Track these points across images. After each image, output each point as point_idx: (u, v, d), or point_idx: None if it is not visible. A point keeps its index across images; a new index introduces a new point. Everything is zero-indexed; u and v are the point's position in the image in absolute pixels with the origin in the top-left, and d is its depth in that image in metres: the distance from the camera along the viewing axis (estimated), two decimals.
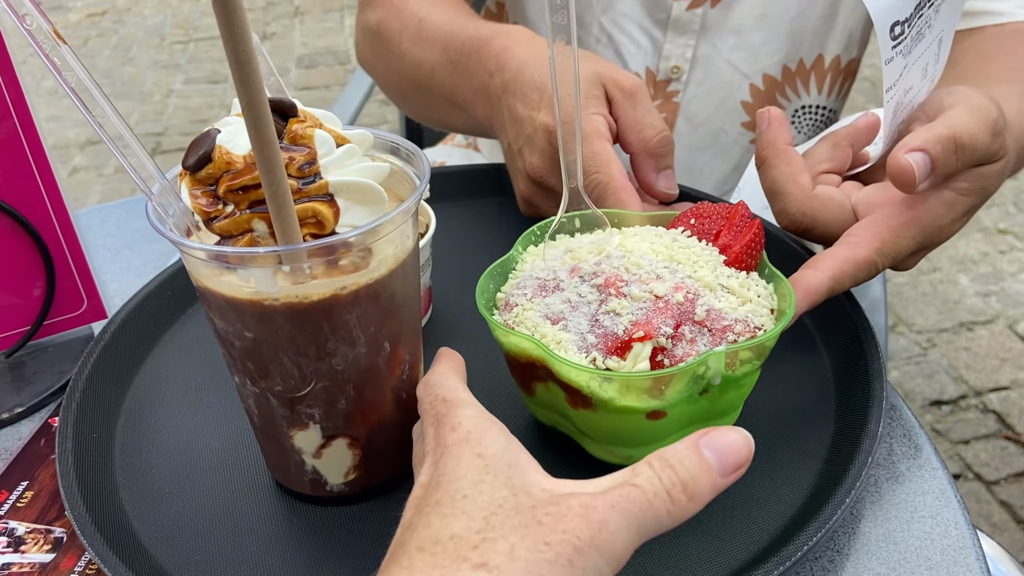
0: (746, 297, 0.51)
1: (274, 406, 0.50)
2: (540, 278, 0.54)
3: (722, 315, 0.49)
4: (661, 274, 0.51)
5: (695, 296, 0.49)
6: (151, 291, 0.71)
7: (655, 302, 0.49)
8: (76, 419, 0.59)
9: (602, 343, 0.48)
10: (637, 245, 0.53)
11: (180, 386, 0.65)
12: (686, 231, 0.55)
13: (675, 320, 0.48)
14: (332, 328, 0.47)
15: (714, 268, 0.52)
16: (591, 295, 0.51)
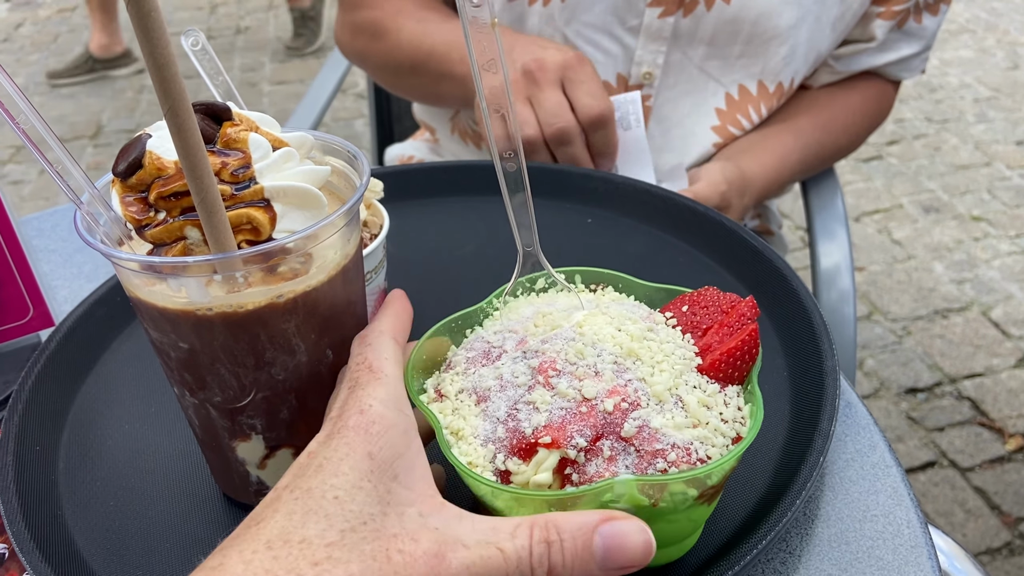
0: (700, 419, 0.42)
1: (215, 417, 0.49)
2: (489, 342, 0.48)
3: (657, 436, 0.41)
4: (603, 371, 0.43)
5: (631, 406, 0.42)
6: (99, 297, 0.70)
7: (579, 404, 0.42)
8: (18, 432, 0.58)
9: (509, 439, 0.42)
10: (598, 328, 0.46)
11: (128, 395, 0.64)
12: (673, 319, 0.48)
13: (595, 431, 0.41)
14: (270, 337, 0.46)
15: (679, 374, 0.44)
16: (523, 376, 0.44)
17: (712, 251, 0.75)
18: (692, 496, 0.42)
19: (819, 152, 1.11)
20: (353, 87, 3.35)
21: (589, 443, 0.41)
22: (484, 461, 0.42)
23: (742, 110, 1.05)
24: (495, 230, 0.82)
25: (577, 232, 0.81)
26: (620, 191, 0.83)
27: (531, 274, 0.53)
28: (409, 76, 1.11)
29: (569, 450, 0.41)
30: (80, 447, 0.59)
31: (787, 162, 1.05)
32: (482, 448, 0.43)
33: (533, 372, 0.44)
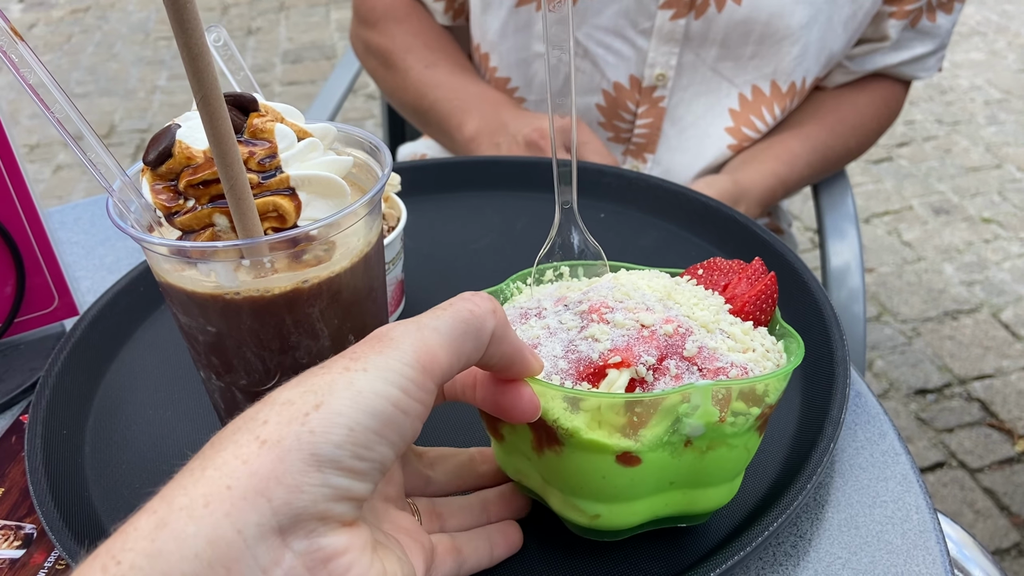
0: (748, 346, 0.45)
1: (240, 400, 0.50)
2: (523, 307, 0.49)
3: (716, 355, 0.43)
4: (652, 306, 0.45)
5: (687, 331, 0.44)
6: (123, 287, 0.71)
7: (640, 330, 0.44)
8: (46, 416, 0.59)
9: (574, 368, 0.43)
10: (632, 280, 0.49)
11: (151, 382, 0.65)
12: (691, 280, 0.51)
13: (660, 352, 0.43)
14: (295, 321, 0.47)
15: (716, 312, 0.46)
16: (572, 321, 0.45)
17: (724, 245, 0.76)
18: (754, 415, 0.43)
19: (827, 155, 1.12)
20: (364, 87, 3.37)
21: (657, 361, 0.42)
22: (551, 394, 0.43)
23: (755, 111, 1.06)
24: (509, 224, 0.83)
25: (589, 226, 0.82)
26: (632, 186, 0.84)
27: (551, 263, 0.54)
28: (411, 116, 1.17)
29: (640, 367, 0.42)
30: (105, 432, 0.61)
31: (793, 167, 1.06)
32: (547, 380, 0.43)
33: (583, 315, 0.45)
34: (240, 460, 0.32)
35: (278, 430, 0.32)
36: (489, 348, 0.39)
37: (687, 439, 0.43)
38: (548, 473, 0.46)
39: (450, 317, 0.38)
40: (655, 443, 0.42)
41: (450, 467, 0.51)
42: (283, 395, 0.34)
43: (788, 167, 1.05)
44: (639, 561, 0.49)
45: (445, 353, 0.37)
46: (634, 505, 0.45)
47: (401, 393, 0.34)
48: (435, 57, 1.11)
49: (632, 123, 1.08)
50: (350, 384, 0.33)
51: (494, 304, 0.40)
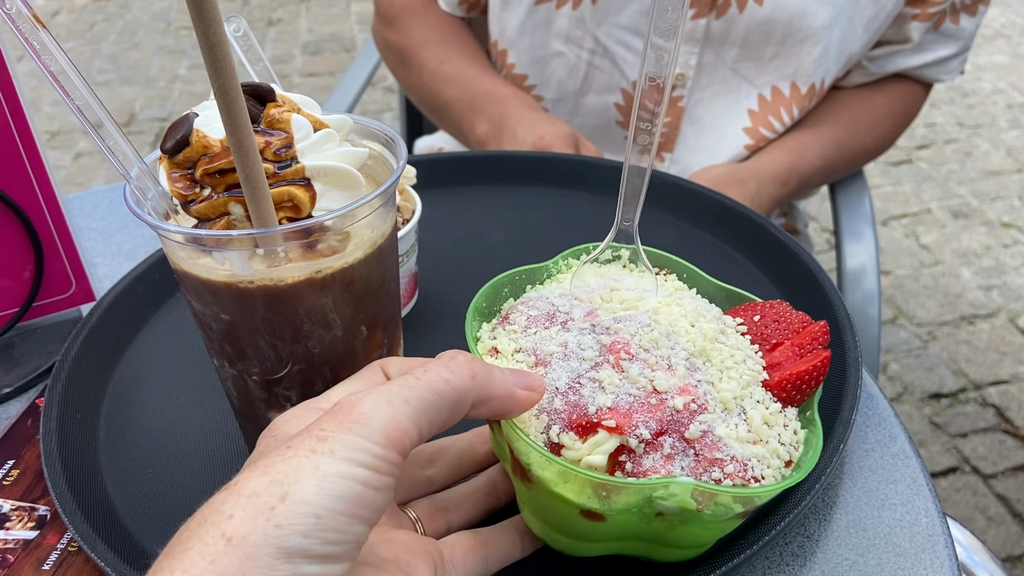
0: (761, 437, 0.41)
1: (252, 388, 0.51)
2: (554, 304, 0.47)
3: (719, 444, 0.40)
4: (676, 366, 0.42)
5: (699, 409, 0.41)
6: (139, 274, 0.72)
7: (649, 394, 0.41)
8: (61, 400, 0.60)
9: (568, 413, 0.41)
10: (674, 319, 0.45)
11: (165, 368, 0.66)
12: (743, 325, 0.47)
13: (660, 426, 0.40)
14: (307, 311, 0.47)
15: (745, 385, 0.43)
16: (590, 351, 0.43)
17: (739, 244, 0.76)
18: (736, 511, 0.41)
19: (842, 151, 1.11)
20: (382, 80, 3.38)
21: (652, 436, 0.40)
22: (535, 431, 0.41)
23: (774, 112, 1.05)
24: (523, 219, 0.83)
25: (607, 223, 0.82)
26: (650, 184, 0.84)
27: (596, 242, 0.52)
28: (428, 112, 1.19)
29: (631, 439, 0.39)
30: (119, 417, 0.62)
31: (805, 157, 1.06)
32: (535, 418, 0.41)
33: (603, 349, 0.43)
34: (207, 560, 0.31)
35: (244, 526, 0.31)
36: (471, 412, 0.39)
37: (659, 512, 0.41)
38: (520, 495, 0.46)
39: (423, 388, 0.37)
40: (623, 509, 0.40)
41: (450, 458, 0.50)
42: (248, 485, 0.33)
43: (800, 157, 1.05)
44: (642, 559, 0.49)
45: (415, 426, 0.36)
46: (596, 545, 0.45)
47: (369, 472, 0.34)
48: (448, 52, 1.12)
49: None
50: (316, 469, 0.33)
51: (474, 368, 0.39)
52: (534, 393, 0.41)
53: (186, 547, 0.32)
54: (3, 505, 0.56)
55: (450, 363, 0.38)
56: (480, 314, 0.48)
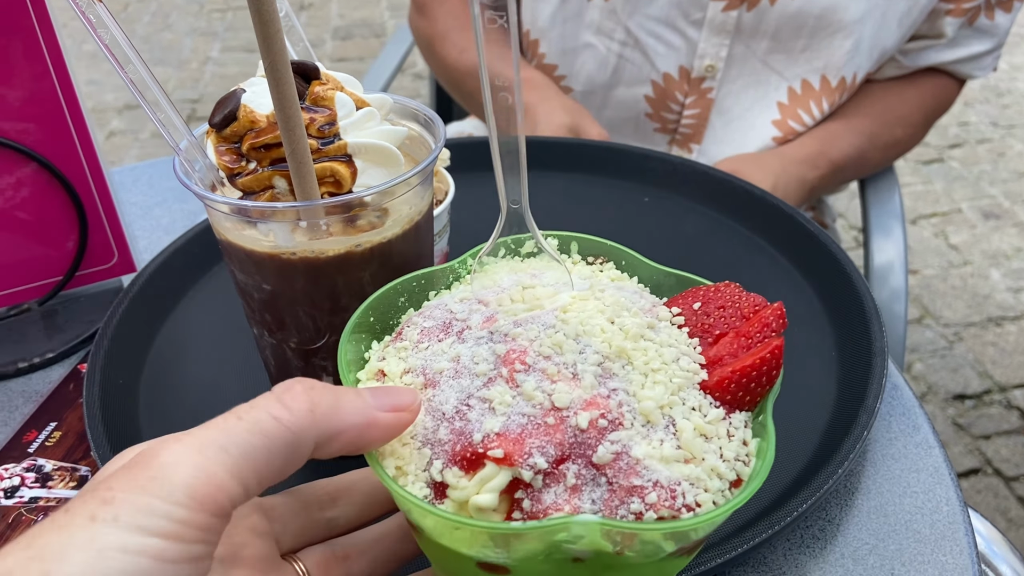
0: (694, 453, 0.33)
1: (290, 358, 0.52)
2: (451, 312, 0.39)
3: (637, 468, 0.32)
4: (583, 373, 0.34)
5: (611, 425, 0.33)
6: (179, 247, 0.74)
7: (546, 412, 0.33)
8: (104, 365, 0.62)
9: (452, 443, 0.33)
10: (587, 316, 0.37)
11: (203, 338, 0.68)
12: (680, 316, 0.39)
13: (560, 451, 0.32)
14: (346, 284, 0.49)
15: (677, 389, 0.35)
16: (484, 364, 0.35)
17: (767, 233, 0.76)
18: (668, 550, 0.33)
19: (873, 141, 1.11)
20: (412, 67, 3.39)
21: (551, 465, 0.32)
22: (417, 468, 0.34)
23: (804, 105, 1.05)
24: (552, 204, 0.84)
25: (633, 209, 0.83)
26: (678, 171, 0.84)
27: (517, 235, 0.43)
28: (458, 99, 1.21)
29: (524, 470, 0.31)
30: (159, 383, 0.63)
31: (834, 144, 1.06)
32: (418, 451, 0.34)
33: (497, 361, 0.35)
34: None
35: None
36: (320, 452, 0.32)
37: (575, 558, 0.33)
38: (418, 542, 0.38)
39: (246, 431, 0.30)
40: (528, 558, 0.33)
41: (356, 497, 0.41)
42: (4, 563, 0.27)
43: (829, 143, 1.05)
44: None
45: (236, 480, 0.29)
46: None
47: (166, 542, 0.27)
48: (467, 42, 1.13)
49: (679, 114, 1.08)
50: (90, 542, 0.26)
51: (313, 398, 0.32)
52: (404, 414, 0.34)
53: None
54: (46, 465, 0.58)
55: (283, 396, 0.31)
56: (367, 331, 0.41)
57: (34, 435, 0.61)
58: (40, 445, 0.60)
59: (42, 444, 0.60)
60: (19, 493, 0.56)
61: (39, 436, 0.61)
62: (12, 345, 0.68)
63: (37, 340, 0.69)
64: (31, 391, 0.65)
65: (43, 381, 0.66)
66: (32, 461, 0.59)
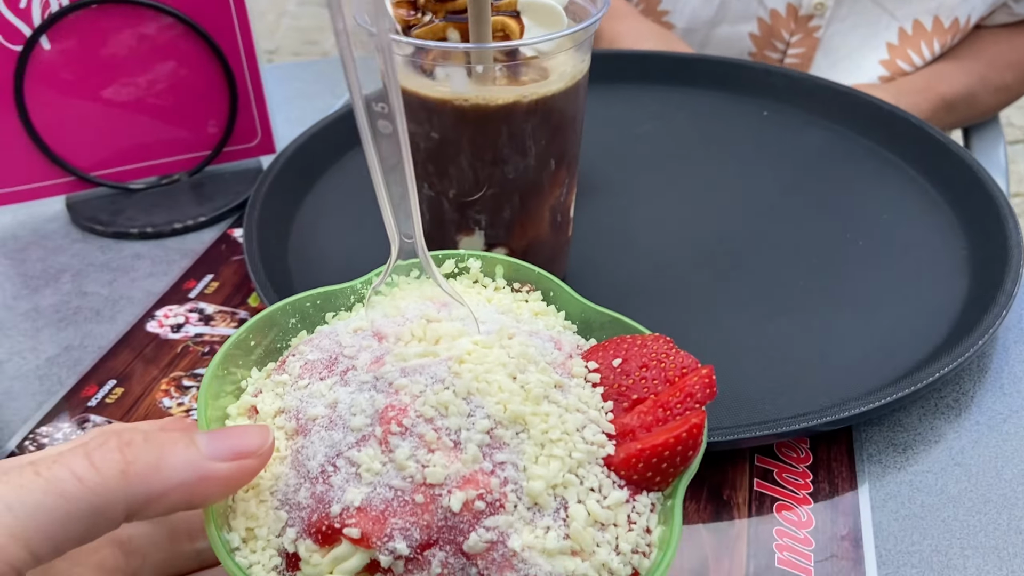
0: (584, 546, 0.29)
1: (446, 210, 0.55)
2: (340, 346, 0.34)
3: (514, 561, 0.28)
4: (466, 443, 0.30)
5: (489, 509, 0.29)
6: (315, 133, 0.78)
7: (416, 487, 0.29)
8: (258, 223, 0.66)
9: (310, 510, 0.29)
10: (486, 369, 0.32)
11: (341, 213, 0.71)
12: (596, 373, 0.34)
13: (427, 535, 0.28)
14: (510, 134, 0.51)
15: (577, 465, 0.30)
16: (362, 417, 0.31)
17: (893, 145, 0.77)
18: None
19: (984, 83, 1.08)
20: None
21: (414, 550, 0.28)
22: (270, 533, 0.30)
23: (914, 45, 1.04)
24: (670, 121, 0.85)
25: (752, 123, 0.84)
26: (797, 85, 0.85)
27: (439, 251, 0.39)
28: None
29: (382, 555, 0.28)
30: (304, 248, 0.67)
31: (945, 80, 1.03)
32: (274, 512, 0.30)
33: (375, 416, 0.31)
34: None
35: None
36: (141, 514, 0.27)
37: None
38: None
39: (40, 490, 0.25)
40: None
41: None
42: None
43: (940, 79, 1.03)
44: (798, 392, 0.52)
45: (21, 545, 0.25)
46: None
47: None
48: None
49: (784, 52, 1.08)
50: None
51: (129, 455, 0.27)
52: (249, 461, 0.29)
53: None
54: (207, 308, 0.63)
55: (93, 452, 0.27)
56: (245, 353, 0.36)
57: (193, 284, 0.65)
58: (200, 292, 0.65)
59: (201, 292, 0.65)
60: (184, 329, 0.61)
61: (198, 285, 0.65)
62: (166, 210, 0.73)
63: (188, 206, 0.73)
64: (186, 249, 0.70)
65: (196, 241, 0.71)
66: (194, 304, 0.63)
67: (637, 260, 0.66)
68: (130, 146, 0.73)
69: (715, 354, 0.55)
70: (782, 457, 0.50)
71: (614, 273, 0.64)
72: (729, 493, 0.48)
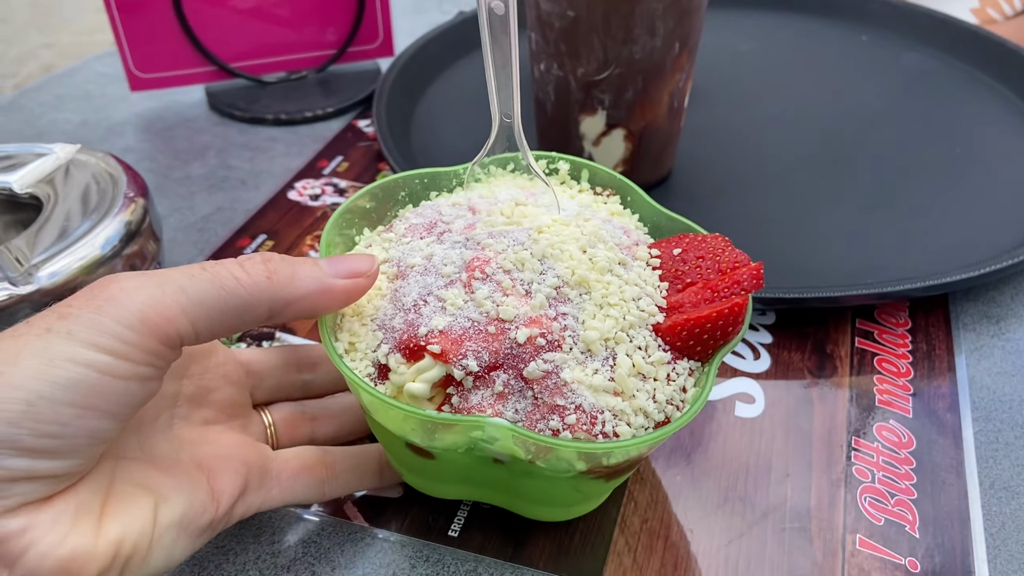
0: (625, 389, 0.34)
1: (572, 90, 0.60)
2: (440, 214, 0.40)
3: (563, 390, 0.33)
4: (536, 293, 0.35)
5: (549, 346, 0.34)
6: (432, 38, 0.83)
7: (489, 321, 0.34)
8: (387, 113, 0.71)
9: (402, 332, 0.35)
10: (561, 241, 0.37)
11: (455, 111, 0.76)
12: (657, 259, 0.38)
13: (494, 359, 0.34)
14: (640, 13, 0.55)
15: (628, 327, 0.35)
16: (451, 267, 0.36)
17: (995, 72, 0.79)
18: (579, 469, 0.34)
19: None
20: None
21: (482, 369, 0.33)
22: (367, 348, 0.36)
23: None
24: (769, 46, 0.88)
25: (850, 48, 0.86)
26: (898, 11, 0.87)
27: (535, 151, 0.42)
28: None
29: (456, 369, 0.33)
30: (425, 140, 0.73)
31: None
32: (372, 333, 0.36)
33: (462, 266, 0.36)
34: None
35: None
36: (278, 317, 0.34)
37: (495, 459, 0.36)
38: None
39: (207, 281, 0.31)
40: (449, 448, 0.35)
41: (335, 367, 0.40)
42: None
43: None
44: (896, 270, 0.55)
45: (188, 320, 0.31)
46: (447, 487, 0.41)
47: (113, 359, 0.29)
48: None
49: None
50: (43, 351, 0.28)
51: (271, 268, 0.33)
52: (361, 279, 0.35)
53: None
54: (340, 182, 0.69)
55: (244, 262, 0.33)
56: (360, 216, 0.42)
57: (325, 163, 0.71)
58: (332, 170, 0.70)
59: (334, 169, 0.70)
60: (321, 199, 0.67)
61: (330, 164, 0.71)
62: (295, 101, 0.79)
63: (316, 99, 0.79)
64: (316, 135, 0.76)
65: (325, 129, 0.76)
66: (328, 180, 0.69)
67: (740, 158, 0.69)
68: (265, 43, 0.79)
69: (816, 240, 0.59)
70: (882, 321, 0.54)
71: (718, 169, 0.68)
72: (832, 348, 0.52)
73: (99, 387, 0.29)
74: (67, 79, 0.86)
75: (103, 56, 0.89)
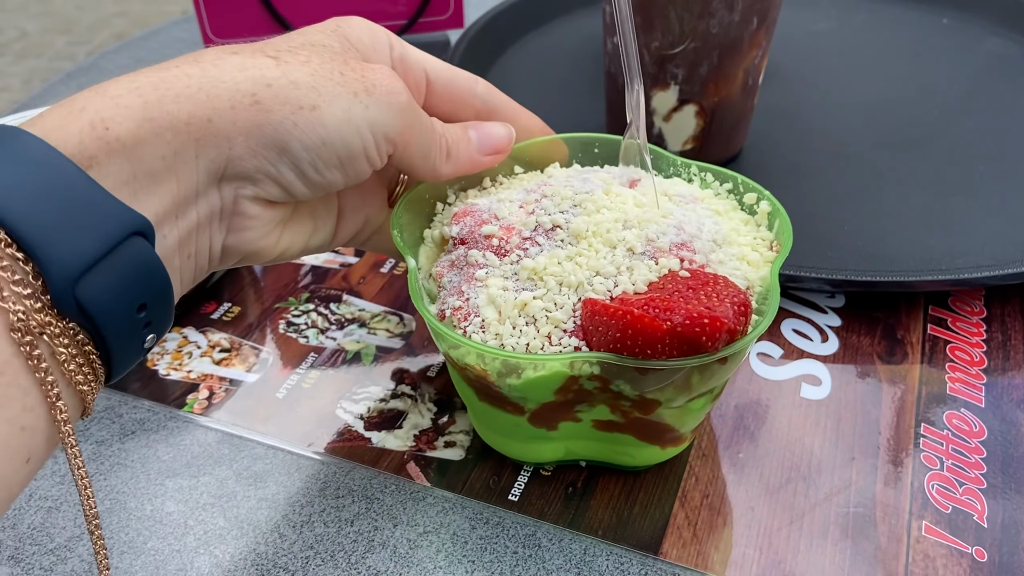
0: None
1: (646, 63, 0.59)
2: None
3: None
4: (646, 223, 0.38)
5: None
6: (499, 12, 0.83)
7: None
8: None
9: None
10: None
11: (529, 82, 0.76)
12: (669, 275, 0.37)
13: None
14: None
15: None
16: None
17: None
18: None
19: None
20: None
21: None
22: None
23: None
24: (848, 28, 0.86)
25: (930, 31, 0.84)
26: None
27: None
28: None
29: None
30: None
31: None
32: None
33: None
34: (229, 106, 0.31)
35: (271, 101, 0.32)
36: (430, 175, 0.39)
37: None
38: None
39: (427, 119, 0.38)
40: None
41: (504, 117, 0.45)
42: (297, 72, 0.33)
43: None
44: (973, 258, 0.54)
45: (402, 144, 0.36)
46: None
47: (374, 144, 0.35)
48: None
49: None
50: (348, 108, 0.33)
51: (454, 152, 0.40)
52: (500, 156, 0.42)
53: (229, 52, 0.33)
54: None
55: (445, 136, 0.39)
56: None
57: None
58: None
59: None
60: None
61: None
62: None
63: None
64: None
65: None
66: None
67: (813, 139, 0.68)
68: (337, 13, 0.80)
69: (889, 224, 0.58)
70: (956, 309, 0.53)
71: (790, 149, 0.67)
72: (903, 334, 0.51)
73: (355, 158, 0.35)
74: (144, 43, 0.88)
75: (181, 21, 0.91)
